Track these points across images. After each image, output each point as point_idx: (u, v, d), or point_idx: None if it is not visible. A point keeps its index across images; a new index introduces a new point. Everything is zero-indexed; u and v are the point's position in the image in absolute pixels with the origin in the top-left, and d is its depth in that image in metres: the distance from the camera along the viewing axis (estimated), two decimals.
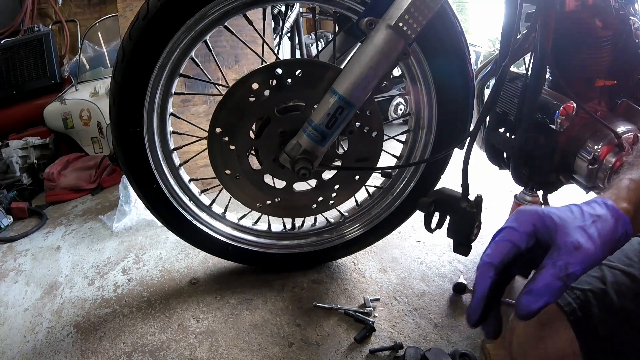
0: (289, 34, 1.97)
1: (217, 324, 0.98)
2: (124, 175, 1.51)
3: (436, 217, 0.83)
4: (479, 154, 1.08)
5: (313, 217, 1.12)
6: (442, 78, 0.87)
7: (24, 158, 2.01)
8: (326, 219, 1.12)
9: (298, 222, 1.14)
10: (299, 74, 0.78)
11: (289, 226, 1.13)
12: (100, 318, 1.02)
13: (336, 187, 0.96)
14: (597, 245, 0.39)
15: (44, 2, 2.58)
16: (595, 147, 0.88)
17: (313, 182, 0.95)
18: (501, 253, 0.42)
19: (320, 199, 0.98)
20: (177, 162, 0.96)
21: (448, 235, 0.83)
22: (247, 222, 1.10)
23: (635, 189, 0.43)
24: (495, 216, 1.39)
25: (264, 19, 0.91)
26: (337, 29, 0.97)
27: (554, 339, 0.46)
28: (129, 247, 1.35)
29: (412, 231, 1.35)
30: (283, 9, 1.81)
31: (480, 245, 1.25)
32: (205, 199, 1.04)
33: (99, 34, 2.41)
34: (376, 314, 0.99)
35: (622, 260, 0.50)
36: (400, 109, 2.80)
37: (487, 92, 1.01)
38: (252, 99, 0.80)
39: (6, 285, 1.19)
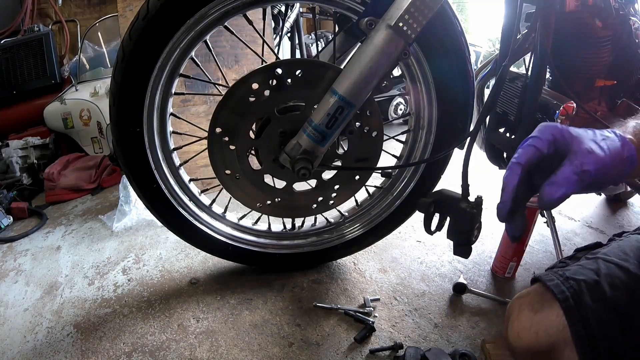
0: (289, 34, 1.97)
1: (217, 324, 0.98)
2: (124, 175, 1.51)
3: (436, 218, 0.83)
4: (479, 154, 1.08)
5: (313, 217, 1.12)
6: (442, 78, 0.87)
7: (24, 158, 2.01)
8: (326, 219, 1.12)
9: (298, 222, 1.14)
10: (299, 74, 0.78)
11: (289, 226, 1.13)
12: (100, 318, 1.02)
13: (336, 187, 0.96)
14: (607, 155, 0.45)
15: (44, 2, 2.57)
16: None
17: (313, 182, 0.95)
18: (527, 154, 0.49)
19: (320, 199, 0.98)
20: (177, 162, 0.96)
21: (448, 237, 0.82)
22: (247, 222, 1.10)
23: None
24: (495, 217, 1.39)
25: (264, 19, 0.91)
26: (337, 29, 0.97)
27: (546, 325, 0.48)
28: (129, 247, 1.35)
29: (412, 231, 1.35)
30: (283, 9, 1.81)
31: (480, 245, 1.26)
32: (205, 199, 1.04)
33: (99, 34, 2.41)
34: (376, 314, 0.99)
35: (618, 255, 0.52)
36: (400, 109, 2.80)
37: (487, 92, 1.01)
38: (252, 99, 0.80)
39: (6, 285, 1.19)
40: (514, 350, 0.52)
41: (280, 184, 0.92)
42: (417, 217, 0.96)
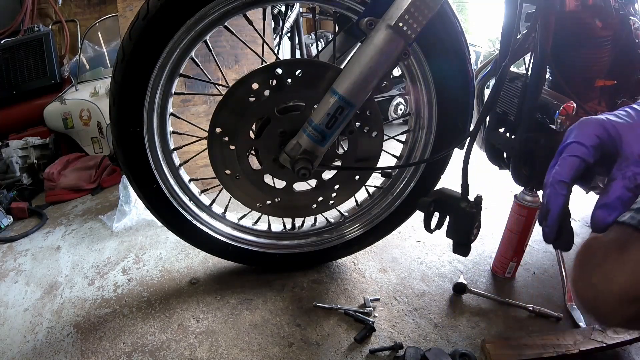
0: (289, 34, 1.97)
1: (217, 324, 0.98)
2: (124, 175, 1.51)
3: (436, 217, 0.83)
4: (479, 154, 1.08)
5: (313, 217, 1.12)
6: (442, 78, 0.87)
7: (24, 158, 2.01)
8: (326, 219, 1.12)
9: (298, 222, 1.14)
10: (299, 74, 0.78)
11: (289, 226, 1.13)
12: (100, 318, 1.02)
13: (336, 187, 0.96)
14: None
15: (44, 2, 2.57)
16: None
17: (313, 182, 0.95)
18: (571, 169, 0.43)
19: (320, 199, 0.98)
20: (177, 162, 0.96)
21: (448, 236, 0.83)
22: (247, 222, 1.10)
23: None
24: (495, 216, 1.39)
25: (264, 19, 0.91)
26: (337, 29, 0.97)
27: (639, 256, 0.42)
28: (129, 247, 1.35)
29: (412, 231, 1.35)
30: (283, 9, 1.81)
31: (480, 245, 1.26)
32: (205, 199, 1.04)
33: (99, 34, 2.41)
34: (376, 314, 0.99)
35: None
36: (400, 109, 2.80)
37: (487, 92, 1.01)
38: (252, 99, 0.80)
39: (6, 285, 1.19)
40: (602, 297, 0.44)
41: (280, 184, 0.92)
42: (417, 217, 0.96)
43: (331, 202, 0.99)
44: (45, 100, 2.25)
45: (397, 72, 1.14)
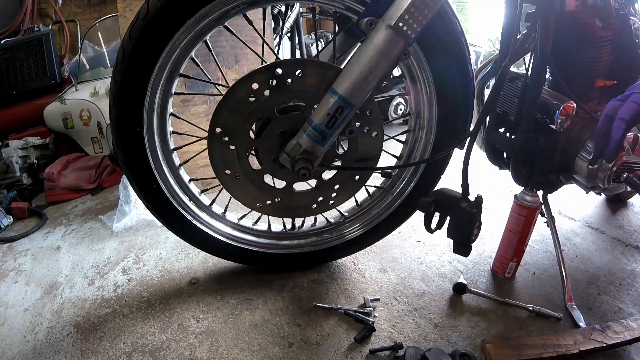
0: (289, 34, 1.97)
1: (217, 324, 0.98)
2: (124, 175, 1.51)
3: (436, 217, 0.83)
4: (479, 154, 1.08)
5: (313, 217, 1.12)
6: (442, 78, 0.87)
7: (24, 158, 2.01)
8: (326, 219, 1.12)
9: (298, 222, 1.14)
10: (299, 74, 0.78)
11: (289, 226, 1.13)
12: (100, 318, 1.02)
13: (336, 187, 0.96)
14: None
15: (44, 2, 2.57)
16: None
17: (313, 182, 0.95)
18: (631, 112, 0.62)
19: (320, 199, 0.98)
20: (177, 162, 0.96)
21: (448, 236, 0.83)
22: (247, 222, 1.10)
23: None
24: (495, 216, 1.39)
25: (264, 19, 0.91)
26: (337, 29, 0.97)
27: None
28: (129, 247, 1.35)
29: (412, 231, 1.35)
30: (283, 9, 1.81)
31: (480, 245, 1.26)
32: (205, 199, 1.04)
33: (99, 34, 2.41)
34: (376, 314, 0.99)
35: None
36: (400, 109, 2.80)
37: (487, 92, 1.01)
38: (252, 99, 0.80)
39: (6, 285, 1.19)
40: None
41: (280, 184, 0.92)
42: (417, 217, 0.96)
43: (331, 202, 0.99)
44: (45, 100, 2.25)
45: (397, 72, 1.14)
